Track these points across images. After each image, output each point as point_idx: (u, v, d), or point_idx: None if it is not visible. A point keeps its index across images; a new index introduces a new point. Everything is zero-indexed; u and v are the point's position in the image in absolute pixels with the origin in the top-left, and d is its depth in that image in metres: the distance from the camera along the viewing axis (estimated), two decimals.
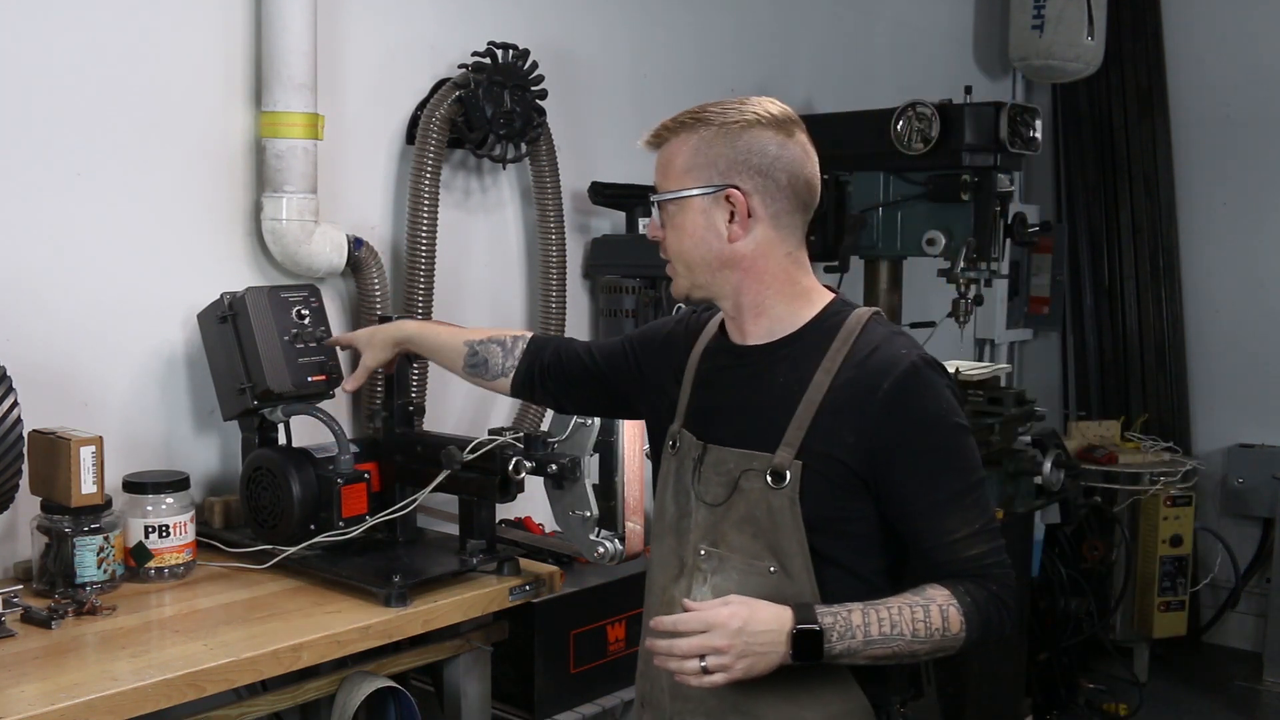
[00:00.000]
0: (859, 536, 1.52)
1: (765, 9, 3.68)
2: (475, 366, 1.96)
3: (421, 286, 2.58)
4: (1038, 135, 3.35)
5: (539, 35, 2.88)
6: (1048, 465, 3.32)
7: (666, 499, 1.64)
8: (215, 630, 1.80)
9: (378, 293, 2.52)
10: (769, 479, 1.50)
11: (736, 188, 1.52)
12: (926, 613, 1.45)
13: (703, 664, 1.43)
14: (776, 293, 1.56)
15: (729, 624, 1.42)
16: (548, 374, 1.90)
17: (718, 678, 1.43)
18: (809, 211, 1.58)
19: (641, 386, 1.77)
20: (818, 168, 1.58)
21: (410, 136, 2.66)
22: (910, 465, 1.48)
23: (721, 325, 1.66)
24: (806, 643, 1.42)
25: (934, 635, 1.45)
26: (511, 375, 1.93)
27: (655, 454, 1.73)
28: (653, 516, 1.71)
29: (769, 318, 1.57)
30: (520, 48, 2.74)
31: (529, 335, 1.96)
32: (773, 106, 1.56)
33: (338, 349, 2.24)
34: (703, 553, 1.57)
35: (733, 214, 1.53)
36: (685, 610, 1.47)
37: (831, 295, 1.60)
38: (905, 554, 1.56)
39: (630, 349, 1.80)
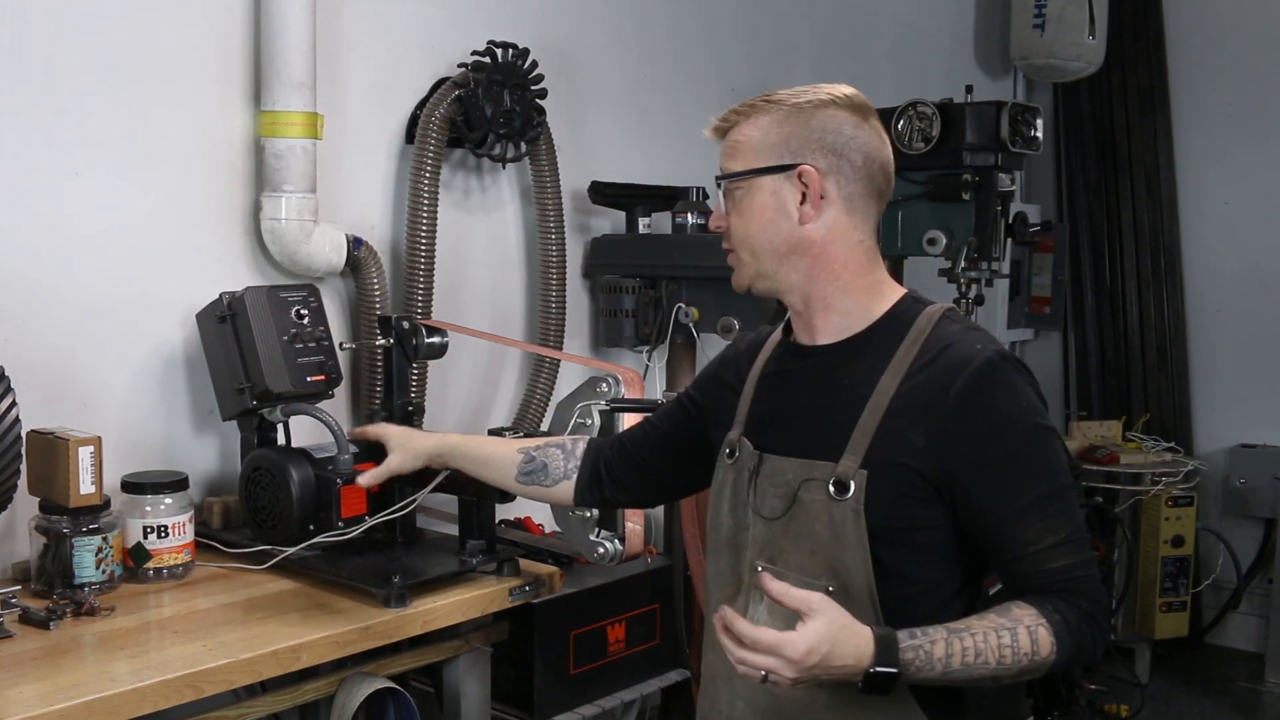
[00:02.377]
0: (929, 547, 1.42)
1: (765, 9, 3.67)
2: (532, 473, 1.84)
3: (421, 286, 2.58)
4: (1039, 134, 3.34)
5: (539, 35, 2.88)
6: None
7: (722, 512, 1.55)
8: (214, 631, 1.79)
9: (377, 292, 2.52)
10: (831, 490, 1.41)
11: (809, 165, 1.45)
12: (1014, 636, 1.34)
13: (763, 674, 1.31)
14: (847, 285, 1.48)
15: (805, 661, 1.27)
16: (614, 466, 1.79)
17: (773, 685, 1.32)
18: (883, 201, 1.51)
19: (710, 424, 1.65)
20: (892, 159, 1.51)
21: (410, 136, 2.66)
22: (987, 470, 1.38)
23: (787, 326, 1.58)
24: (881, 681, 1.31)
25: (1021, 660, 1.34)
26: (575, 477, 1.82)
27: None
28: (708, 530, 1.62)
29: (838, 313, 1.49)
30: (520, 47, 2.73)
31: (587, 438, 1.86)
32: (848, 90, 1.49)
33: (336, 351, 2.24)
34: (760, 570, 1.45)
35: (805, 194, 1.45)
36: (770, 593, 1.32)
37: (903, 291, 1.52)
38: (981, 566, 1.47)
39: (688, 395, 1.73)
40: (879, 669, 1.29)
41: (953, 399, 1.37)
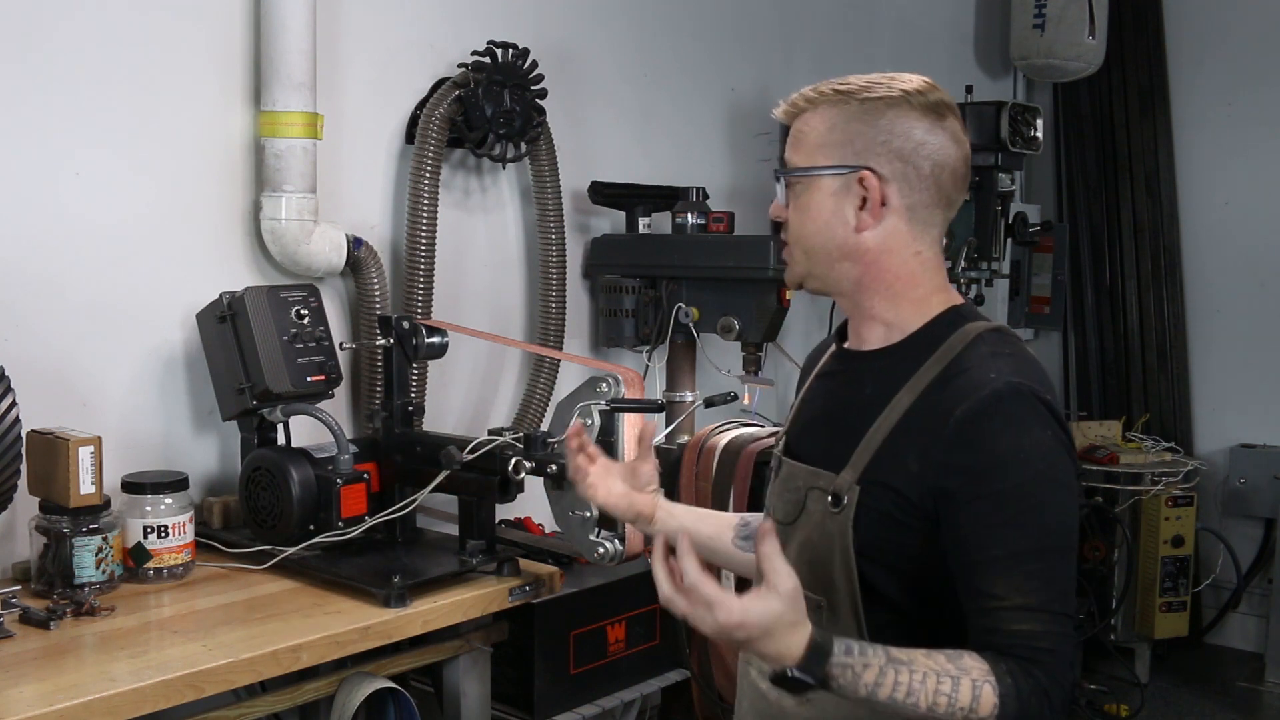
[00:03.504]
0: (915, 576, 1.34)
1: (765, 9, 3.67)
2: (748, 537, 1.68)
3: (421, 286, 2.58)
4: (1039, 134, 3.35)
5: (539, 35, 2.88)
6: None
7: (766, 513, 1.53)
8: (214, 631, 1.80)
9: (377, 292, 2.52)
10: (829, 501, 1.36)
11: (871, 170, 1.36)
12: (955, 686, 1.22)
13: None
14: (896, 296, 1.40)
15: (729, 630, 1.20)
16: None
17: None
18: (952, 208, 1.42)
19: None
20: (969, 160, 1.42)
21: (410, 136, 2.66)
22: (967, 508, 1.27)
23: (843, 329, 1.52)
24: (792, 684, 1.23)
25: (955, 714, 1.22)
26: None
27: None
28: None
29: (882, 323, 1.41)
30: (520, 47, 2.73)
31: None
32: (924, 85, 1.39)
33: (337, 351, 2.24)
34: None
35: (864, 200, 1.37)
36: (757, 548, 1.24)
37: (952, 304, 1.42)
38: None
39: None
40: (794, 672, 1.21)
41: (951, 426, 1.28)
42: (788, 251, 1.46)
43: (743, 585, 1.46)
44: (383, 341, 2.26)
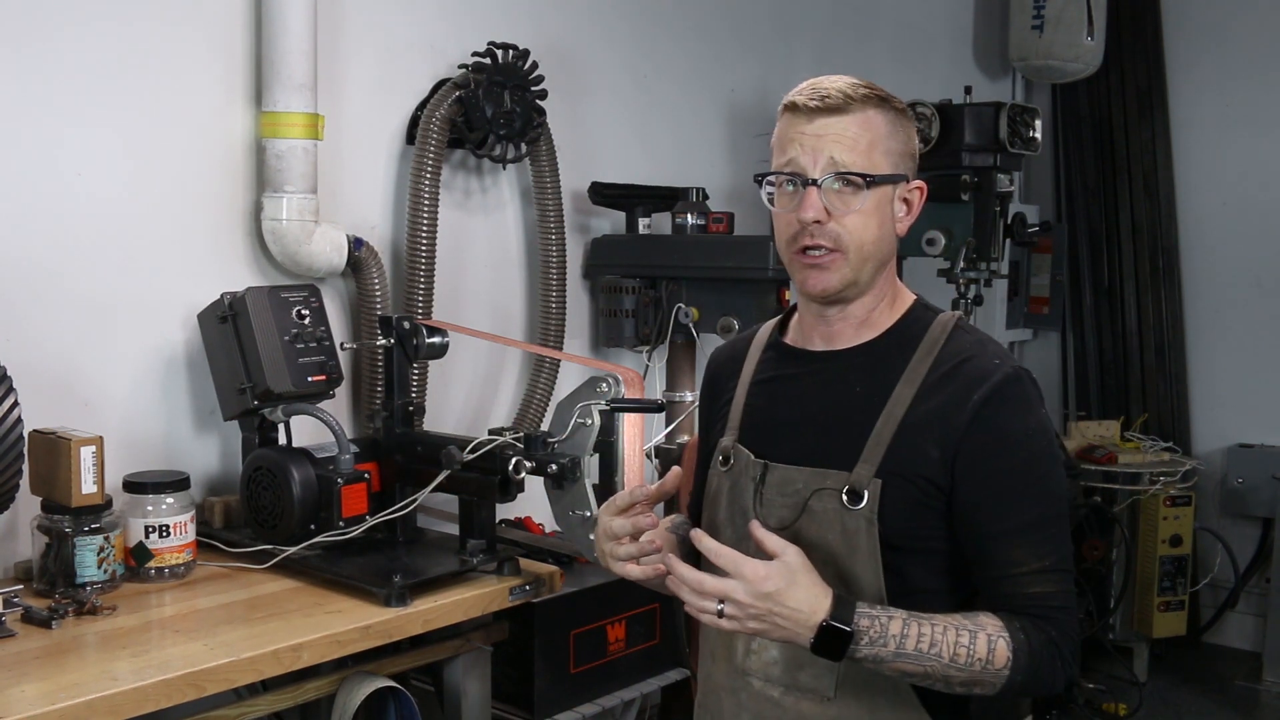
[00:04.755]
0: (942, 555, 1.41)
1: (765, 9, 3.68)
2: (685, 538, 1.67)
3: (421, 286, 2.59)
4: (1037, 135, 3.35)
5: (539, 35, 2.88)
6: None
7: (718, 521, 1.52)
8: (215, 630, 1.80)
9: (378, 293, 2.52)
10: (845, 499, 1.39)
11: (919, 180, 1.48)
12: (973, 639, 1.32)
13: (720, 607, 1.31)
14: (881, 297, 1.48)
15: (760, 585, 1.29)
16: None
17: (725, 624, 1.32)
18: None
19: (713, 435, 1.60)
20: None
21: (410, 136, 2.67)
22: (986, 484, 1.37)
23: (779, 330, 1.56)
24: (831, 640, 1.30)
25: (974, 665, 1.32)
26: None
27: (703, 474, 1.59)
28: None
29: (854, 323, 1.47)
30: (520, 48, 2.74)
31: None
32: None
33: (337, 351, 2.24)
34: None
35: (908, 207, 1.46)
36: (754, 537, 1.34)
37: (913, 298, 1.51)
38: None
39: (702, 426, 1.67)
40: (832, 622, 1.29)
41: (969, 410, 1.36)
42: (831, 258, 1.41)
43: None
44: (383, 342, 2.27)
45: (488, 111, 2.65)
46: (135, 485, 2.07)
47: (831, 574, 1.38)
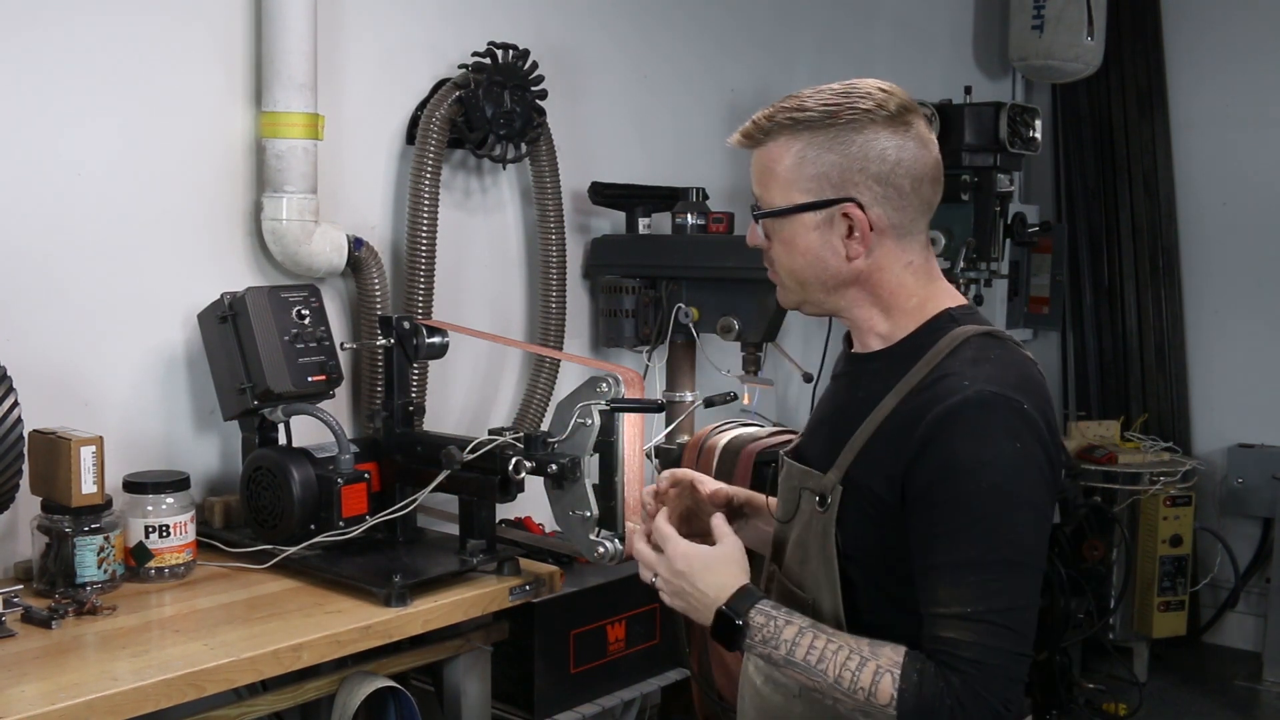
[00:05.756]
0: (901, 576, 1.33)
1: (765, 9, 3.68)
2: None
3: (421, 286, 2.58)
4: (1037, 135, 3.35)
5: (539, 35, 2.88)
6: None
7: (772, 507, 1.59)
8: (215, 630, 1.80)
9: (378, 293, 2.52)
10: (817, 501, 1.39)
11: (854, 201, 1.34)
12: (861, 665, 1.26)
13: (654, 579, 1.48)
14: (889, 309, 1.41)
15: (674, 563, 1.43)
16: None
17: (661, 596, 1.46)
18: (932, 211, 1.42)
19: None
20: (938, 157, 1.40)
21: (410, 136, 2.66)
22: (925, 512, 1.28)
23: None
24: (725, 628, 1.36)
25: (857, 693, 1.26)
26: None
27: None
28: None
29: (879, 334, 1.43)
30: (520, 48, 2.74)
31: None
32: (881, 95, 1.35)
33: (337, 351, 2.24)
34: (771, 571, 1.51)
35: (851, 230, 1.35)
36: (715, 527, 1.46)
37: (944, 307, 1.40)
38: None
39: None
40: (725, 609, 1.36)
41: (920, 430, 1.28)
42: (776, 276, 1.46)
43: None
44: (383, 341, 2.27)
45: (488, 111, 2.65)
46: (135, 485, 2.07)
47: (809, 573, 1.41)
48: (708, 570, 1.41)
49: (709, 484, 1.63)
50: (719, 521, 1.47)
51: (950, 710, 1.22)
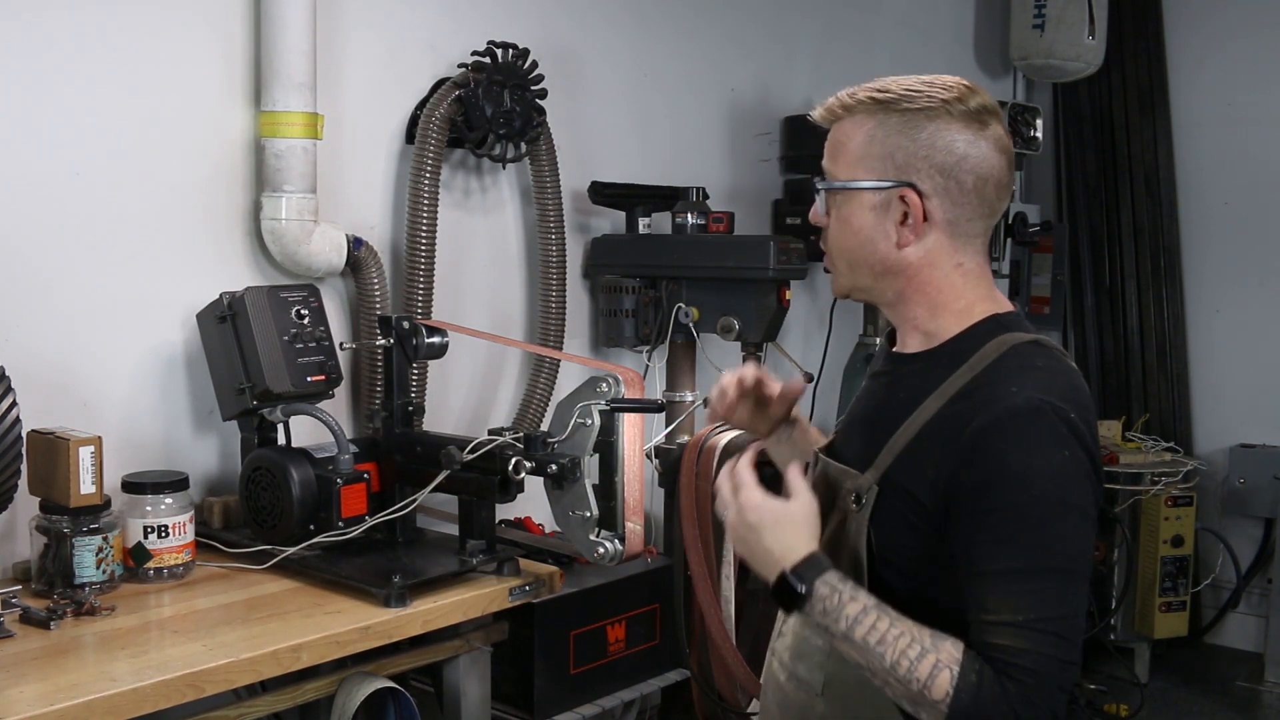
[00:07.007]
0: (925, 584, 1.34)
1: (765, 9, 3.67)
2: None
3: (421, 286, 2.58)
4: (1039, 135, 3.35)
5: (539, 35, 2.88)
6: None
7: None
8: (214, 631, 1.80)
9: (377, 292, 2.52)
10: (853, 500, 1.38)
11: (913, 187, 1.35)
12: (921, 655, 1.25)
13: (726, 514, 1.42)
14: (937, 308, 1.40)
15: (745, 513, 1.38)
16: None
17: (727, 537, 1.45)
18: (994, 218, 1.41)
19: None
20: (1013, 164, 1.41)
21: (410, 136, 2.66)
22: (972, 520, 1.27)
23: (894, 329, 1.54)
24: (786, 592, 1.32)
25: (912, 682, 1.25)
26: None
27: None
28: None
29: (922, 331, 1.42)
30: (520, 47, 2.73)
31: None
32: (963, 91, 1.36)
33: (337, 351, 2.24)
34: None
35: (905, 216, 1.36)
36: (785, 474, 1.42)
37: (991, 313, 1.40)
38: None
39: None
40: (789, 574, 1.32)
41: (966, 437, 1.28)
42: (830, 261, 1.46)
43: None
44: (383, 341, 2.26)
45: (487, 111, 2.65)
46: (134, 485, 2.06)
47: (844, 570, 1.37)
48: (778, 526, 1.36)
49: (774, 384, 1.66)
50: (795, 475, 1.41)
51: (1004, 717, 1.22)
